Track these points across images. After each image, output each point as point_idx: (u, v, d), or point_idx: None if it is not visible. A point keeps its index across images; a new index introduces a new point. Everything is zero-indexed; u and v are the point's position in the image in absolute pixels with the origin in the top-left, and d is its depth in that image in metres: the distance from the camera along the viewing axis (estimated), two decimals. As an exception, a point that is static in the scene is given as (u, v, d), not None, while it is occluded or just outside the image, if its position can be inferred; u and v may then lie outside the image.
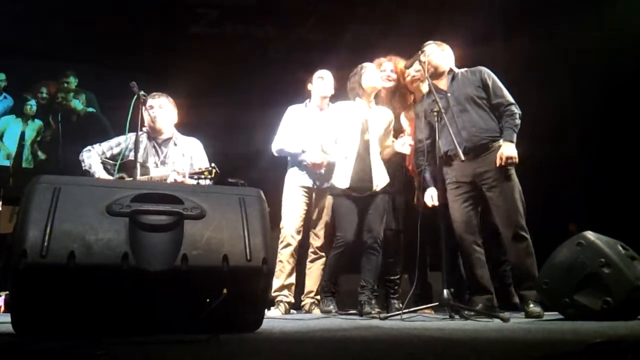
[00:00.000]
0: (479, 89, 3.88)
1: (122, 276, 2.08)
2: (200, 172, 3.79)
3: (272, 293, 4.18)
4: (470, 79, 3.92)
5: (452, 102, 3.89)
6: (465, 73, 3.97)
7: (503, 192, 3.72)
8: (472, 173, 3.81)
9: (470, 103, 3.86)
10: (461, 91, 3.90)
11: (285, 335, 2.39)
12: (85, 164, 3.96)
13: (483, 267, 3.82)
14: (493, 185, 3.75)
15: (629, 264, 3.11)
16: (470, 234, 3.81)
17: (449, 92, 3.94)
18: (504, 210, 3.72)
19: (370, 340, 2.16)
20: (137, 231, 2.15)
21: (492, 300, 3.78)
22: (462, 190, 3.84)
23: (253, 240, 2.27)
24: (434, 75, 3.98)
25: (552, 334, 2.38)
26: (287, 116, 4.58)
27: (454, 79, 3.96)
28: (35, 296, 2.06)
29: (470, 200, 3.83)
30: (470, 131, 3.81)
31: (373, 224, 3.94)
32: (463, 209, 3.82)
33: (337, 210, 4.07)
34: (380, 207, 3.97)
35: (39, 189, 2.16)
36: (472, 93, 3.87)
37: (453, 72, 3.98)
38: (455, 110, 3.88)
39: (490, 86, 3.87)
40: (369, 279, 3.91)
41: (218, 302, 2.15)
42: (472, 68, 3.98)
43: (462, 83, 3.93)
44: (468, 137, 3.80)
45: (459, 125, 3.83)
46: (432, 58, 3.95)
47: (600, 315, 3.01)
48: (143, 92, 3.81)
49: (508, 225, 3.71)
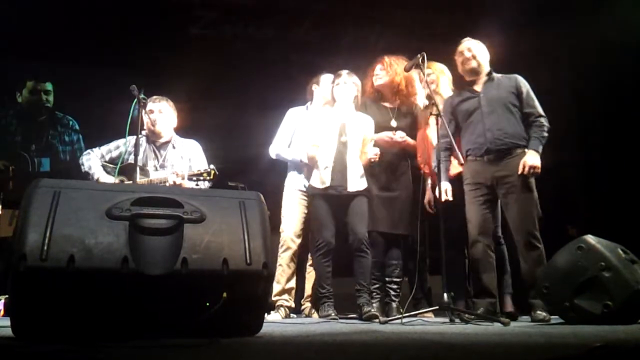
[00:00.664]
0: (513, 95, 3.89)
1: (121, 280, 2.07)
2: (199, 174, 3.80)
3: (273, 297, 4.18)
4: (506, 84, 3.94)
5: (484, 103, 3.91)
6: (501, 78, 3.99)
7: (520, 200, 3.73)
8: (492, 176, 3.82)
9: (502, 107, 3.87)
10: (494, 94, 3.91)
11: (285, 340, 2.38)
12: (84, 166, 3.97)
13: (491, 272, 3.82)
14: (511, 191, 3.75)
15: (630, 267, 3.11)
16: (484, 237, 3.82)
17: (482, 93, 3.95)
18: (518, 217, 3.73)
19: (370, 345, 2.15)
20: (137, 235, 2.15)
21: (495, 305, 3.78)
22: (480, 192, 3.85)
23: (253, 244, 2.26)
24: (471, 74, 4.01)
25: (553, 338, 2.37)
26: (286, 119, 4.57)
27: (490, 81, 3.97)
28: (35, 300, 2.05)
29: (488, 203, 3.84)
30: (496, 133, 3.82)
31: (356, 227, 3.95)
32: (480, 211, 3.83)
33: (313, 212, 4.10)
34: (360, 208, 3.98)
35: (39, 193, 2.15)
36: (505, 97, 3.89)
37: (491, 75, 3.99)
38: (485, 111, 3.89)
39: (524, 95, 3.89)
40: (363, 281, 3.92)
41: (218, 306, 2.14)
42: (509, 74, 4.00)
43: (497, 86, 3.94)
44: (492, 139, 3.82)
45: (486, 125, 3.85)
46: (476, 53, 3.99)
47: (600, 319, 3.02)
48: (143, 96, 3.81)
49: (521, 232, 3.72)
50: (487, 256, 3.80)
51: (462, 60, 4.04)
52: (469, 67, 4.01)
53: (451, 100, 4.11)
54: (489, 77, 3.98)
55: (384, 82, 4.28)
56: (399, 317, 3.45)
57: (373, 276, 4.10)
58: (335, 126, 4.08)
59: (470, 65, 4.00)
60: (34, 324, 2.09)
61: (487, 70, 4.00)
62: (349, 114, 4.13)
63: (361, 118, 4.16)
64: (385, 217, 4.08)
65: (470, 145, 3.92)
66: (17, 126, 6.42)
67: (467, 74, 4.05)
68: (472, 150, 3.91)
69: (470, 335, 2.51)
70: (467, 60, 4.01)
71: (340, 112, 4.13)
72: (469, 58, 4.01)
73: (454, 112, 4.05)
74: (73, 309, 2.07)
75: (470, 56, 4.01)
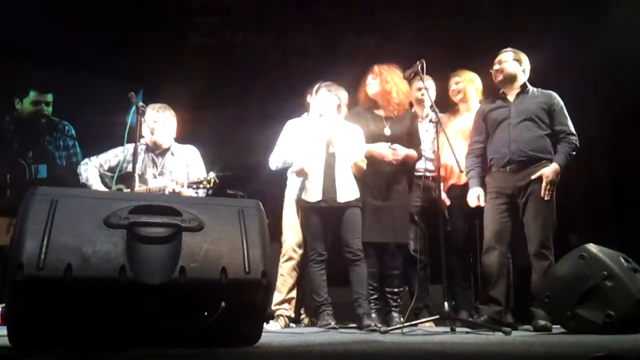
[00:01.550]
0: (543, 111, 3.89)
1: (119, 289, 2.06)
2: (198, 182, 3.78)
3: (273, 307, 4.16)
4: (539, 98, 3.94)
5: (513, 114, 3.90)
6: (536, 92, 3.98)
7: (538, 209, 3.73)
8: (513, 185, 3.82)
9: (530, 120, 3.86)
10: (525, 106, 3.91)
11: (284, 349, 2.37)
12: (82, 177, 3.96)
13: (502, 280, 3.81)
14: (531, 199, 3.76)
15: (632, 276, 3.10)
16: (500, 245, 3.81)
17: (514, 104, 3.95)
18: (534, 226, 3.73)
19: (370, 355, 2.14)
20: (135, 243, 2.13)
21: (500, 314, 3.76)
22: (501, 201, 3.85)
23: (252, 252, 2.25)
24: (504, 84, 4.01)
25: (554, 348, 2.35)
26: (285, 131, 4.57)
27: (523, 93, 3.97)
28: (32, 309, 2.04)
29: (507, 212, 3.84)
30: (520, 145, 3.82)
31: (349, 240, 3.94)
32: (498, 219, 3.83)
33: (305, 225, 4.12)
34: (352, 221, 3.96)
35: (36, 201, 2.14)
36: (535, 111, 3.88)
37: (525, 86, 3.98)
38: (513, 122, 3.89)
39: (556, 112, 3.90)
40: (360, 290, 3.91)
41: (216, 315, 2.13)
42: (545, 90, 3.99)
43: (530, 99, 3.94)
44: (516, 150, 3.83)
45: (511, 136, 3.86)
46: (506, 67, 3.99)
47: (602, 328, 3.00)
48: (142, 103, 3.80)
49: (534, 242, 3.72)
50: (500, 264, 3.80)
51: (493, 71, 4.06)
52: (498, 79, 4.03)
53: (483, 108, 4.11)
54: (523, 89, 3.97)
55: (375, 90, 4.25)
56: (399, 327, 3.43)
57: (370, 287, 4.07)
58: (322, 139, 4.07)
59: (498, 78, 4.03)
60: (31, 333, 2.07)
61: (521, 82, 3.98)
62: (336, 125, 4.13)
63: (349, 128, 4.14)
64: (379, 227, 4.05)
65: (494, 154, 3.93)
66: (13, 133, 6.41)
67: (500, 85, 4.05)
68: (495, 159, 3.92)
69: (471, 345, 2.49)
70: (497, 73, 4.03)
71: (327, 125, 4.12)
72: (498, 70, 4.02)
73: (485, 119, 4.05)
74: (70, 318, 2.05)
75: (499, 68, 4.02)
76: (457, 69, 4.48)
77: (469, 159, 4.05)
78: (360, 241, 3.96)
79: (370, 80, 4.28)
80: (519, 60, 4.00)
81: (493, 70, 4.05)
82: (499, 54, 4.06)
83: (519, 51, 4.04)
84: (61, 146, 6.47)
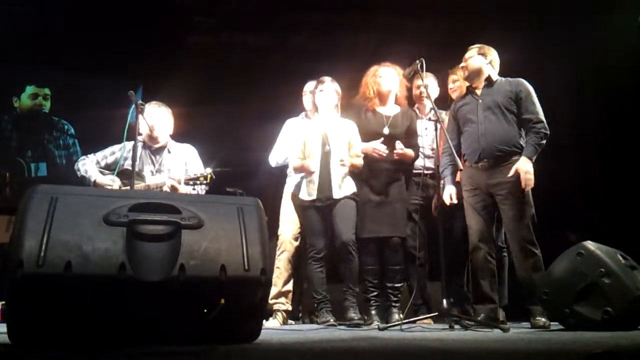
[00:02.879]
0: (510, 100, 3.86)
1: (119, 286, 2.06)
2: (196, 178, 3.80)
3: (270, 300, 4.17)
4: (505, 88, 3.92)
5: (480, 109, 3.90)
6: (503, 82, 3.96)
7: (514, 206, 3.72)
8: (486, 183, 3.81)
9: (497, 112, 3.85)
10: (492, 99, 3.90)
11: (284, 346, 2.37)
12: (80, 171, 3.97)
13: (492, 278, 3.82)
14: (506, 197, 3.75)
15: (629, 273, 3.10)
16: (484, 244, 3.82)
17: (481, 98, 3.94)
18: (512, 223, 3.73)
19: (369, 352, 2.14)
20: (134, 241, 2.14)
21: (495, 311, 3.77)
22: (479, 198, 3.86)
23: (251, 250, 2.25)
24: (471, 79, 4.02)
25: (553, 345, 2.36)
26: (284, 130, 4.61)
27: (489, 86, 3.96)
28: (32, 306, 2.04)
29: (486, 210, 3.84)
30: (489, 140, 3.81)
31: (341, 231, 3.96)
32: (479, 218, 3.84)
33: (304, 222, 4.15)
34: (345, 212, 3.98)
35: (36, 199, 2.14)
36: (501, 102, 3.87)
37: (490, 79, 3.97)
38: (481, 117, 3.89)
39: (523, 100, 3.85)
40: (349, 283, 3.98)
41: (216, 312, 2.13)
42: (513, 78, 3.96)
43: (496, 91, 3.92)
44: (485, 145, 3.82)
45: (480, 131, 3.85)
46: (470, 62, 4.00)
47: (600, 325, 3.00)
48: (141, 101, 3.81)
49: (516, 238, 3.71)
50: (487, 262, 3.80)
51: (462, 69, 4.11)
52: (465, 76, 4.09)
53: (454, 105, 4.13)
54: (489, 82, 3.97)
55: (383, 87, 4.25)
56: (398, 324, 3.44)
57: (370, 284, 4.09)
58: (318, 136, 4.09)
59: (465, 74, 4.08)
60: (31, 331, 2.08)
61: (486, 75, 3.98)
62: (331, 122, 4.13)
63: (343, 124, 4.15)
64: (380, 223, 4.06)
65: (466, 150, 3.95)
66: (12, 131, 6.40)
67: (467, 81, 4.10)
68: (468, 155, 3.93)
69: (469, 342, 2.50)
70: (463, 70, 4.09)
71: (323, 121, 4.13)
72: (463, 67, 4.08)
73: (455, 116, 4.06)
74: (70, 315, 2.06)
75: (464, 65, 4.06)
76: (456, 67, 4.48)
77: (443, 158, 4.05)
78: (353, 235, 3.97)
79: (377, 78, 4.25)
80: (483, 54, 4.00)
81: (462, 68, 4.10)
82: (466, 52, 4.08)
83: (486, 45, 4.05)
84: (61, 145, 6.47)
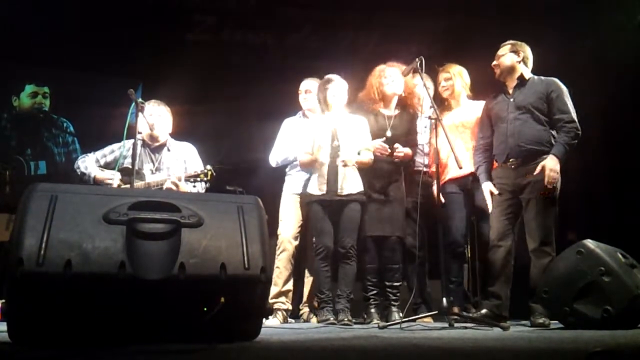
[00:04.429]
0: (541, 100, 3.82)
1: (119, 285, 2.06)
2: (196, 175, 3.81)
3: (270, 300, 4.16)
4: (537, 88, 3.87)
5: (511, 109, 3.87)
6: (536, 81, 3.91)
7: (538, 206, 3.71)
8: (514, 182, 3.80)
9: (528, 112, 3.81)
10: (523, 98, 3.86)
11: (283, 345, 2.37)
12: (80, 168, 3.97)
13: (506, 277, 3.80)
14: (533, 196, 3.73)
15: (629, 272, 3.10)
16: (505, 242, 3.80)
17: (512, 97, 3.91)
18: (535, 222, 3.71)
19: (369, 350, 2.14)
20: (134, 239, 2.13)
21: (500, 308, 3.75)
22: (504, 198, 3.83)
23: (251, 248, 2.25)
24: (503, 77, 3.97)
25: (552, 343, 2.36)
26: (283, 129, 4.61)
27: (521, 85, 3.92)
28: (32, 305, 2.04)
29: (511, 209, 3.82)
30: (518, 140, 3.79)
31: (344, 235, 3.97)
32: (502, 217, 3.82)
33: (311, 218, 4.13)
34: (352, 216, 3.99)
35: (36, 197, 2.14)
36: (533, 103, 3.82)
37: (522, 78, 3.92)
38: (511, 117, 3.85)
39: (554, 99, 3.80)
40: (344, 287, 3.98)
41: (216, 311, 2.13)
42: (546, 78, 3.92)
43: (528, 91, 3.88)
44: (514, 145, 3.80)
45: (509, 131, 3.83)
46: (502, 60, 3.95)
47: (600, 324, 3.01)
48: (140, 100, 3.81)
49: (535, 238, 3.71)
50: (506, 261, 3.79)
51: (494, 67, 4.02)
52: (497, 76, 4.00)
53: (487, 103, 4.08)
54: (522, 80, 3.92)
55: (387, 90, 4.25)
56: (397, 322, 3.44)
57: (370, 282, 4.10)
58: (327, 132, 4.08)
59: (497, 73, 3.99)
60: (31, 329, 2.08)
61: (519, 74, 3.93)
62: (341, 118, 4.13)
63: (354, 120, 4.15)
64: (379, 221, 4.07)
65: (496, 150, 3.93)
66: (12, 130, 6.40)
67: (499, 79, 4.01)
68: (497, 155, 3.92)
69: (469, 341, 2.50)
70: (495, 68, 4.00)
71: (332, 117, 4.12)
72: (495, 65, 4.00)
73: (488, 114, 4.03)
74: (70, 314, 2.06)
75: (496, 63, 3.99)
76: (446, 65, 4.44)
77: (476, 156, 4.03)
78: (355, 239, 3.98)
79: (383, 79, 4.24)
80: (516, 51, 3.94)
81: (493, 65, 4.02)
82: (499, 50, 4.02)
83: (519, 42, 3.99)
84: (60, 143, 6.47)
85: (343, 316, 3.85)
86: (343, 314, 3.88)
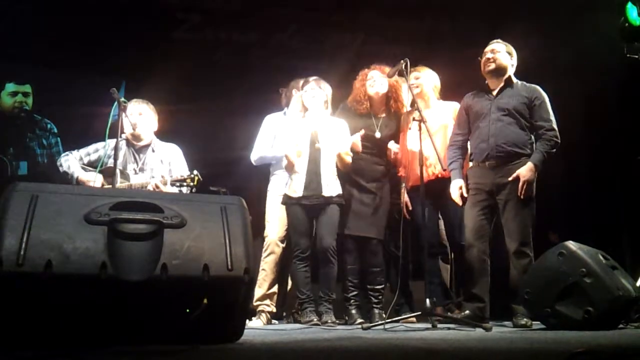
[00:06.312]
0: (524, 105, 3.84)
1: (100, 286, 2.04)
2: (182, 180, 3.76)
3: (254, 302, 4.15)
4: (521, 93, 3.89)
5: (494, 109, 3.88)
6: (520, 86, 3.93)
7: (516, 208, 3.72)
8: (492, 182, 3.81)
9: (510, 115, 3.83)
10: (507, 101, 3.87)
11: (266, 346, 2.36)
12: (63, 166, 3.94)
13: (484, 277, 3.81)
14: (510, 197, 3.74)
15: (610, 273, 3.13)
16: (480, 242, 3.81)
17: (496, 98, 3.91)
18: (513, 224, 3.73)
19: (353, 351, 2.14)
20: (116, 240, 2.11)
21: (483, 310, 3.77)
22: (480, 198, 3.84)
23: (234, 249, 2.24)
24: (494, 74, 3.95)
25: (534, 344, 2.38)
26: (264, 126, 4.58)
27: (506, 88, 3.93)
28: (11, 305, 2.01)
29: (486, 209, 3.83)
30: (498, 141, 3.80)
31: (323, 237, 3.98)
32: (477, 216, 3.83)
33: (290, 220, 4.12)
34: (331, 218, 4.00)
35: (16, 197, 2.11)
36: (516, 106, 3.84)
37: (510, 81, 3.93)
38: (493, 117, 3.86)
39: (537, 106, 3.83)
40: (326, 289, 4.01)
41: (198, 312, 2.12)
42: (530, 84, 3.94)
43: (512, 94, 3.89)
44: (494, 146, 3.80)
45: (490, 131, 3.83)
46: (500, 58, 3.93)
47: (581, 325, 3.03)
48: (123, 99, 3.78)
49: (514, 239, 3.72)
50: (482, 261, 3.80)
51: (484, 60, 3.97)
52: (488, 69, 3.94)
53: (466, 100, 4.06)
54: (508, 83, 3.93)
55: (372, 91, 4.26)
56: (381, 323, 3.44)
57: (351, 283, 4.11)
58: (307, 134, 4.08)
59: (490, 67, 3.94)
60: (10, 330, 2.05)
61: (507, 76, 3.93)
62: (321, 120, 4.12)
63: (334, 122, 4.15)
64: (362, 222, 4.08)
65: (474, 149, 3.93)
66: (-8, 130, 6.30)
67: (487, 76, 3.98)
68: (475, 155, 3.92)
69: (452, 341, 2.50)
70: (488, 62, 3.94)
71: (312, 120, 4.12)
72: (490, 59, 3.94)
73: (467, 112, 4.02)
74: (50, 314, 2.03)
75: (491, 57, 3.94)
76: (419, 65, 4.41)
77: (450, 151, 4.02)
78: (334, 240, 3.99)
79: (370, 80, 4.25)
80: (510, 53, 3.96)
81: (484, 59, 3.97)
82: (491, 44, 4.00)
83: (509, 45, 4.00)
84: (44, 144, 6.39)
85: (327, 317, 3.87)
86: (327, 316, 3.89)
